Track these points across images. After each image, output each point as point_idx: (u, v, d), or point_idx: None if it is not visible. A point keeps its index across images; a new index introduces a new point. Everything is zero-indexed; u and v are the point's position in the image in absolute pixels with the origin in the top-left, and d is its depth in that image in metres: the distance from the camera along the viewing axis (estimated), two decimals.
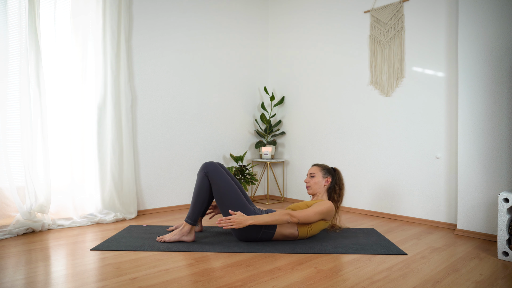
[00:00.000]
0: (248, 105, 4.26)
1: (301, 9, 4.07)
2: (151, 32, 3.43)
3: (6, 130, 2.61)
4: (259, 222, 2.19)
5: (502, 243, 2.14)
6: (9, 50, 2.62)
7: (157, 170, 3.48)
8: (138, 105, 3.35)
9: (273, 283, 1.71)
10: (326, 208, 2.38)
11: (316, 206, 2.38)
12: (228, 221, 2.15)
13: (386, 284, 1.72)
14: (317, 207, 2.36)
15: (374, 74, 3.41)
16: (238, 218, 2.16)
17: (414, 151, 3.15)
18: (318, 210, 2.35)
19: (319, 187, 2.58)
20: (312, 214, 2.33)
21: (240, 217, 2.17)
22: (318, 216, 2.35)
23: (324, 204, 2.40)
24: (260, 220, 2.19)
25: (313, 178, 2.60)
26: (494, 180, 2.58)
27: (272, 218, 2.22)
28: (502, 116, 2.56)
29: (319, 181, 2.58)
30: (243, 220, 2.16)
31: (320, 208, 2.36)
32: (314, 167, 2.65)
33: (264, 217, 2.21)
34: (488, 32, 2.61)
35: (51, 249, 2.24)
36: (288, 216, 2.25)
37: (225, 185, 2.34)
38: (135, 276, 1.79)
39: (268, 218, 2.22)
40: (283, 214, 2.25)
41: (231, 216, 2.17)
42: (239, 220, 2.15)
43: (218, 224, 2.17)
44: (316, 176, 2.59)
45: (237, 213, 2.19)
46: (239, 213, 2.19)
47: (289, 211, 2.29)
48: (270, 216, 2.22)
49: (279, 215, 2.25)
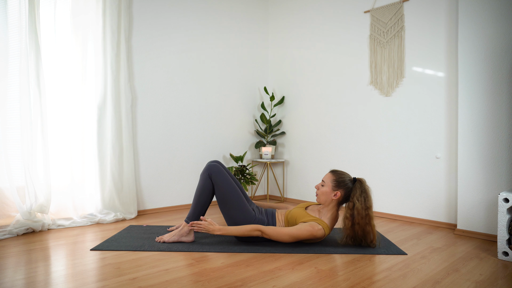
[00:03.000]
0: (248, 105, 4.26)
1: (301, 9, 4.07)
2: (151, 32, 3.43)
3: (6, 130, 2.61)
4: (227, 233, 2.21)
5: (502, 243, 2.14)
6: (9, 50, 2.62)
7: (157, 170, 3.48)
8: (138, 105, 3.35)
9: (273, 283, 1.71)
10: (304, 236, 2.21)
11: (295, 228, 2.21)
12: (200, 226, 2.22)
13: (386, 284, 1.72)
14: (295, 231, 2.20)
15: (374, 74, 3.41)
16: (207, 227, 2.21)
17: (414, 151, 3.15)
18: (294, 234, 2.20)
19: (326, 198, 2.30)
20: (286, 237, 2.21)
21: (209, 225, 2.21)
22: (291, 239, 2.22)
23: (306, 229, 2.20)
24: (229, 231, 2.21)
25: (323, 187, 2.32)
26: (494, 180, 2.58)
27: (241, 232, 2.21)
28: (502, 116, 2.56)
29: (326, 191, 2.29)
30: (211, 230, 2.20)
31: (297, 233, 2.20)
32: (328, 175, 2.34)
33: (233, 229, 2.21)
34: (488, 32, 2.61)
35: (51, 249, 2.24)
36: (259, 232, 2.21)
37: (228, 187, 2.34)
38: (135, 276, 1.79)
39: (237, 231, 2.21)
40: (254, 229, 2.20)
41: (202, 222, 2.23)
42: (208, 228, 2.21)
43: (189, 226, 2.28)
44: (325, 186, 2.31)
45: (208, 220, 2.23)
46: (209, 221, 2.23)
47: (260, 227, 2.21)
48: (239, 229, 2.21)
49: (249, 230, 2.20)
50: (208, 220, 2.24)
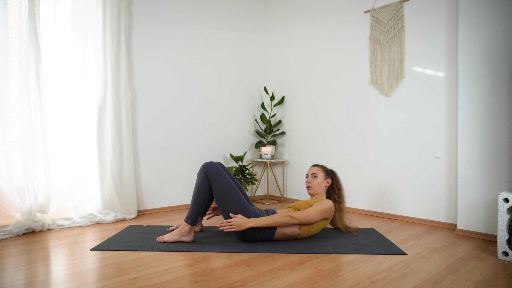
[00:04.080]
0: (248, 105, 4.26)
1: (301, 9, 4.07)
2: (151, 32, 3.43)
3: (6, 130, 2.61)
4: (259, 224, 2.22)
5: (502, 243, 2.14)
6: (9, 50, 2.62)
7: (157, 170, 3.48)
8: (138, 105, 3.35)
9: (273, 283, 1.71)
10: (327, 207, 2.39)
11: (316, 205, 2.39)
12: (229, 224, 2.20)
13: (386, 284, 1.72)
14: (318, 207, 2.38)
15: (374, 74, 3.41)
16: (239, 221, 2.20)
17: (414, 151, 3.15)
18: (319, 209, 2.36)
19: (320, 188, 2.59)
20: (313, 214, 2.34)
21: (241, 220, 2.21)
22: (319, 215, 2.36)
23: (324, 203, 2.41)
24: (260, 222, 2.22)
25: (315, 178, 2.60)
26: (494, 180, 2.58)
27: (272, 221, 2.24)
28: (502, 116, 2.56)
29: (320, 182, 2.60)
30: (244, 223, 2.20)
31: (321, 208, 2.37)
32: (315, 168, 2.65)
33: (264, 219, 2.23)
34: (488, 32, 2.61)
35: (51, 249, 2.24)
36: (289, 218, 2.27)
37: (225, 185, 2.34)
38: (135, 276, 1.79)
39: (268, 220, 2.23)
40: (284, 216, 2.26)
41: (232, 219, 2.21)
42: (239, 223, 2.20)
43: (219, 227, 2.23)
44: (318, 177, 2.60)
45: (237, 216, 2.23)
46: (239, 216, 2.23)
47: (289, 213, 2.29)
48: (270, 219, 2.24)
49: (279, 217, 2.25)
50: (238, 216, 2.24)
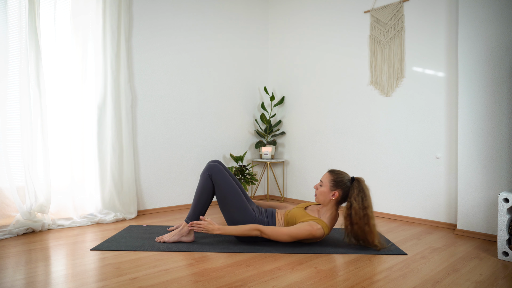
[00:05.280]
0: (248, 105, 4.26)
1: (301, 9, 4.07)
2: (151, 32, 3.43)
3: (6, 130, 2.60)
4: (226, 233, 2.22)
5: (502, 243, 2.14)
6: (9, 50, 2.62)
7: (157, 170, 3.48)
8: (138, 105, 3.35)
9: (273, 283, 1.71)
10: (303, 235, 2.20)
11: (294, 228, 2.21)
12: (199, 226, 2.23)
13: (386, 284, 1.72)
14: (293, 230, 2.20)
15: (374, 74, 3.41)
16: (207, 226, 2.22)
17: (414, 151, 3.15)
18: (293, 233, 2.20)
19: (324, 199, 2.30)
20: (284, 237, 2.21)
21: (209, 225, 2.23)
22: (290, 239, 2.22)
23: (305, 229, 2.19)
24: (228, 231, 2.22)
25: (321, 187, 2.32)
26: (494, 180, 2.58)
27: (240, 231, 2.21)
28: (502, 116, 2.56)
29: (325, 192, 2.29)
30: (211, 229, 2.22)
31: (296, 232, 2.20)
32: (326, 175, 2.34)
33: (232, 229, 2.22)
34: (488, 32, 2.61)
35: (51, 249, 2.24)
36: (258, 232, 2.21)
37: (228, 187, 2.35)
38: (135, 276, 1.79)
39: (236, 231, 2.21)
40: (253, 229, 2.21)
41: (201, 222, 2.24)
42: (207, 227, 2.22)
43: (189, 226, 2.29)
44: (324, 186, 2.31)
45: (207, 220, 2.25)
46: (209, 221, 2.24)
47: (259, 227, 2.21)
48: (238, 229, 2.21)
49: (248, 229, 2.21)
50: (208, 220, 2.25)
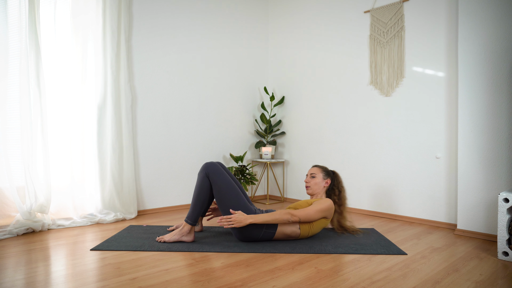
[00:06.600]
0: (248, 105, 4.26)
1: (301, 9, 4.07)
2: (151, 32, 3.43)
3: (6, 130, 2.60)
4: (259, 221, 2.22)
5: (502, 243, 2.14)
6: (9, 50, 2.62)
7: (157, 170, 3.48)
8: (138, 105, 3.35)
9: (273, 283, 1.71)
10: (327, 206, 2.41)
11: (316, 204, 2.40)
12: (229, 220, 2.20)
13: (386, 284, 1.72)
14: (317, 205, 2.39)
15: (374, 74, 3.41)
16: (239, 217, 2.20)
17: (414, 151, 3.15)
18: (319, 208, 2.38)
19: (318, 188, 2.61)
20: (313, 213, 2.35)
21: (240, 216, 2.21)
22: (319, 214, 2.37)
23: (324, 202, 2.42)
24: (260, 219, 2.22)
25: (313, 178, 2.63)
26: (494, 180, 2.58)
27: (272, 217, 2.25)
28: (502, 116, 2.56)
29: (319, 182, 2.61)
30: (243, 219, 2.20)
31: (320, 206, 2.39)
32: (315, 168, 2.67)
33: (264, 216, 2.23)
34: (488, 32, 2.61)
35: (51, 249, 2.24)
36: (289, 215, 2.27)
37: (226, 185, 2.34)
38: (135, 276, 1.79)
39: (268, 217, 2.24)
40: (284, 213, 2.27)
41: (232, 215, 2.21)
42: (239, 219, 2.19)
43: (218, 223, 2.23)
44: (317, 177, 2.62)
45: (237, 212, 2.23)
46: (239, 212, 2.23)
47: (289, 210, 2.31)
48: (270, 215, 2.24)
49: (279, 214, 2.26)
50: (238, 212, 2.24)
